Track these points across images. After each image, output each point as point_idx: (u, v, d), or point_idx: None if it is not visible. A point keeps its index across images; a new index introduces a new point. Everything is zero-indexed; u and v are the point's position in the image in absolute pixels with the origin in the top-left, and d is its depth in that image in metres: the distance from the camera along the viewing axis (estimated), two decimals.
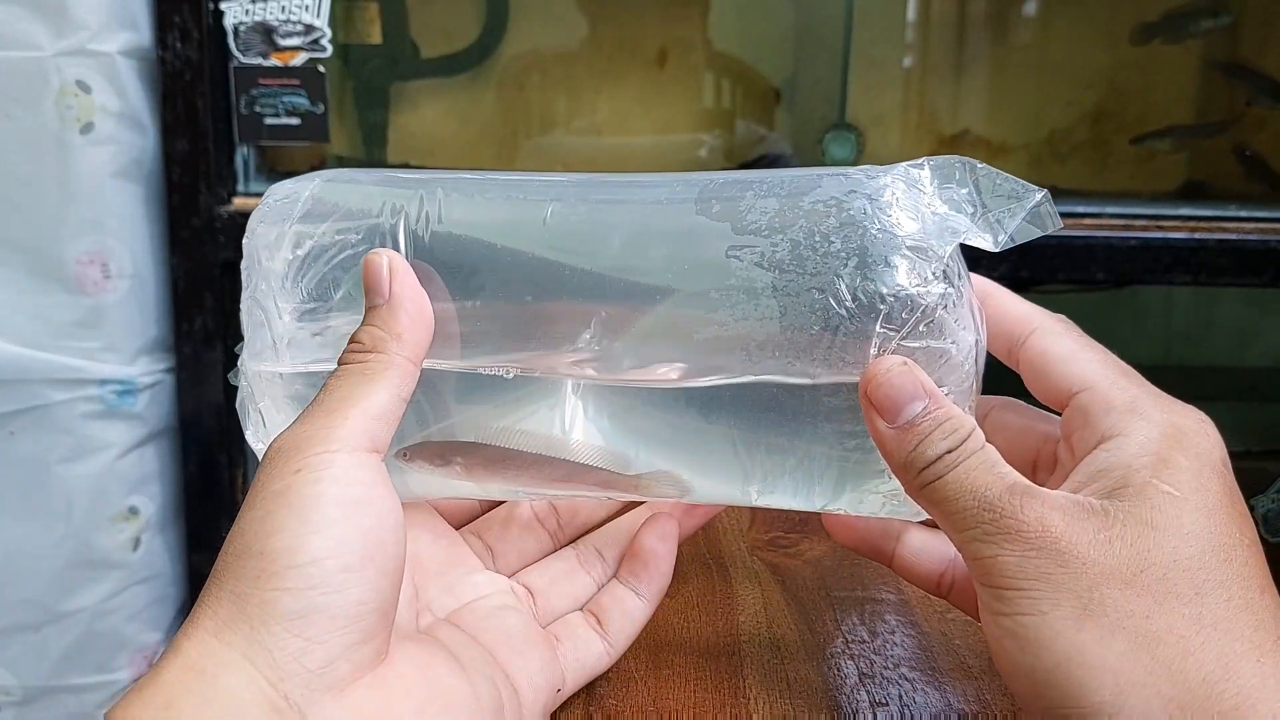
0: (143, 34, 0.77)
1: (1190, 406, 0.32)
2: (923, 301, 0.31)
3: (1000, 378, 0.36)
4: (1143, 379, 0.33)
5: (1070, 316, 0.35)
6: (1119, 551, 0.29)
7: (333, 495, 0.28)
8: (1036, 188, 0.32)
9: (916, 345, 0.31)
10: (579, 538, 0.40)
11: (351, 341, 0.32)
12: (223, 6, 0.77)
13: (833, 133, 0.88)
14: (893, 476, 0.32)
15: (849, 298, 0.31)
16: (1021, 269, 0.77)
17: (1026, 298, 0.35)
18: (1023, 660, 0.28)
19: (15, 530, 0.78)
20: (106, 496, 0.79)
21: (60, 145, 0.75)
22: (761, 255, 0.31)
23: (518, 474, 0.35)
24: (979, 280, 0.35)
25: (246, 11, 0.77)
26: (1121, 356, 0.33)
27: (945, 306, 0.31)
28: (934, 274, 0.31)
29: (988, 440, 0.31)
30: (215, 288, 0.80)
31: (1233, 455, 0.31)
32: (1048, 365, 0.33)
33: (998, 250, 0.32)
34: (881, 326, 0.31)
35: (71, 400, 0.77)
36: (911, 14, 0.85)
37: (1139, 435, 0.31)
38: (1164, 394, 0.32)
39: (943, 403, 0.31)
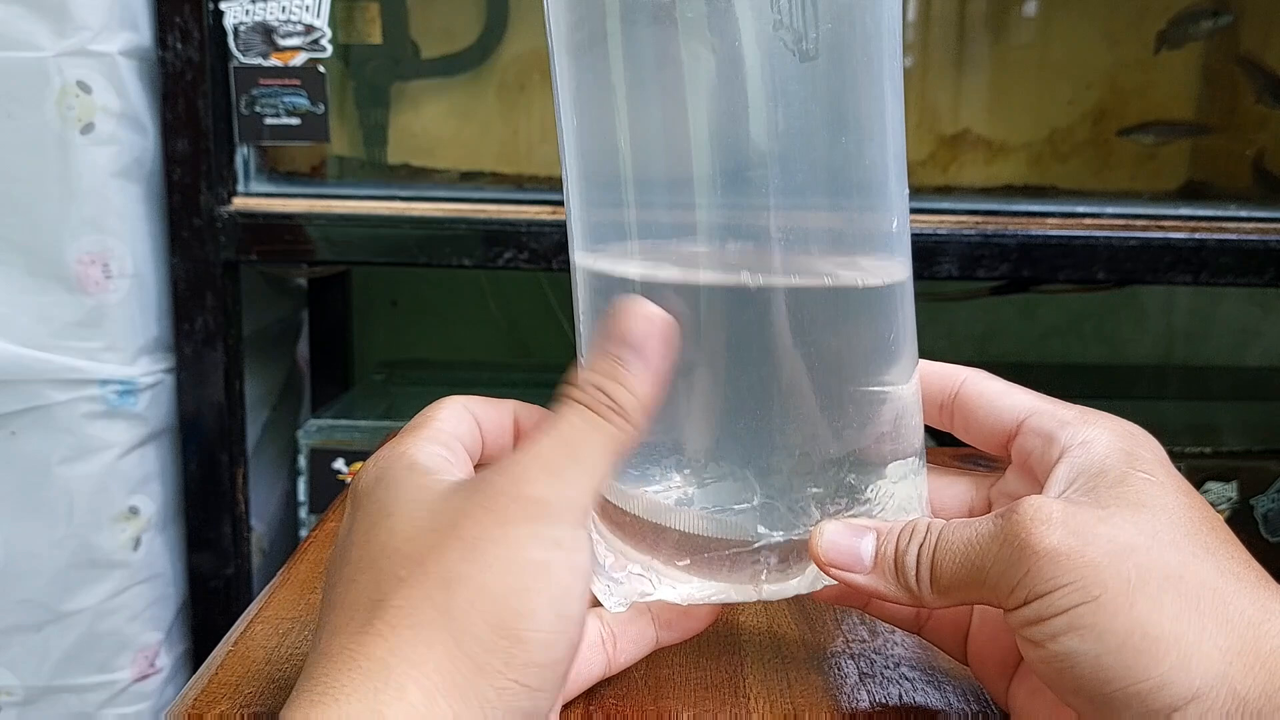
0: (143, 34, 0.77)
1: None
2: None
3: None
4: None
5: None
6: (1124, 527, 0.29)
7: (584, 589, 0.29)
8: None
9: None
10: None
11: (600, 390, 0.31)
12: (223, 6, 0.77)
13: None
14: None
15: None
16: (1022, 269, 0.77)
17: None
18: (1085, 651, 0.28)
19: (16, 530, 0.78)
20: (107, 496, 0.79)
21: (61, 145, 0.75)
22: None
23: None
24: None
25: (246, 11, 0.77)
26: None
27: None
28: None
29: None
30: (216, 288, 0.80)
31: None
32: (988, 401, 0.35)
33: None
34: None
35: (72, 400, 0.77)
36: (911, 14, 0.85)
37: (1100, 438, 0.32)
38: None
39: (880, 525, 0.33)
